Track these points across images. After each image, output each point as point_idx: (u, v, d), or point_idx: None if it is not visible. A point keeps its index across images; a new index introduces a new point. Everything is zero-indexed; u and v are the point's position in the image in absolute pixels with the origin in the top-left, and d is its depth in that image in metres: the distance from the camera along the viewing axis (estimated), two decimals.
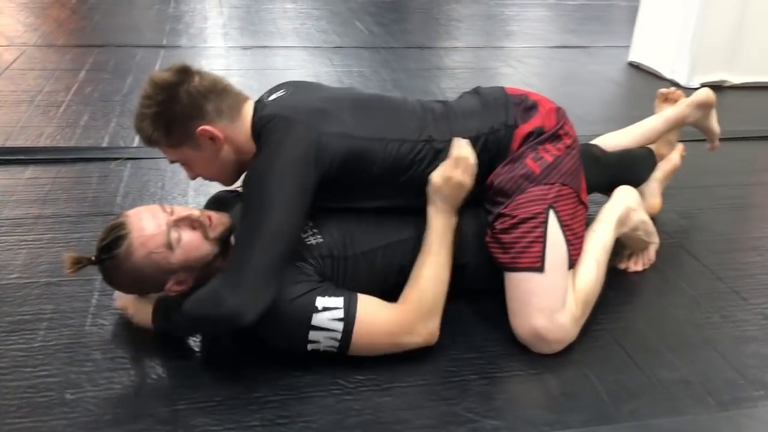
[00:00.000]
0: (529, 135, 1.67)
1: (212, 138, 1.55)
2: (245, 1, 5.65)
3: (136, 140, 2.75)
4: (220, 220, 1.54)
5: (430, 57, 4.25)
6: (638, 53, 4.18)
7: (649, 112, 2.37)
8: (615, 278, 1.85)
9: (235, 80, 3.52)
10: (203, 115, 1.53)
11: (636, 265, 1.96)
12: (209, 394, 1.44)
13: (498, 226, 1.63)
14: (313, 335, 1.45)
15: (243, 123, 1.59)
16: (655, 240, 1.98)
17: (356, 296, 1.50)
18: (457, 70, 3.99)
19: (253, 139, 1.57)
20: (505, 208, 1.63)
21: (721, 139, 2.31)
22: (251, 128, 1.58)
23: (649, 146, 2.18)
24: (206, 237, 1.50)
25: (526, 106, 1.71)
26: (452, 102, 1.77)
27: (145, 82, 1.55)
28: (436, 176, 1.61)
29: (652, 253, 1.98)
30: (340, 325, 1.45)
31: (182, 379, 1.49)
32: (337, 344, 1.47)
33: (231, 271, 1.41)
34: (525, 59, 4.28)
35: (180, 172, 2.46)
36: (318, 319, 1.44)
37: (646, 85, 3.84)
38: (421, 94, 3.48)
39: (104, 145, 2.71)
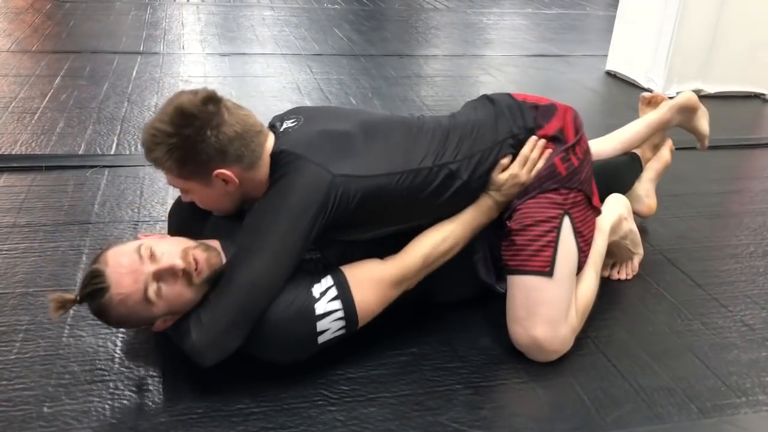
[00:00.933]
0: (552, 137, 1.68)
1: (226, 180, 1.47)
2: (222, 8, 5.63)
3: (114, 147, 2.72)
4: (208, 262, 1.43)
5: (409, 65, 4.26)
6: (615, 62, 4.23)
7: (627, 120, 2.38)
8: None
9: (214, 87, 3.51)
10: (224, 159, 1.44)
11: (620, 275, 1.97)
12: (191, 406, 1.42)
13: (512, 225, 1.63)
14: (321, 325, 1.44)
15: (263, 164, 1.50)
16: (640, 251, 2.00)
17: (340, 270, 1.51)
18: (437, 78, 4.01)
19: (269, 172, 1.51)
20: (522, 203, 1.64)
21: (696, 149, 2.33)
22: (269, 162, 1.52)
23: (633, 151, 2.19)
24: (191, 284, 1.40)
25: (544, 108, 1.73)
26: (466, 115, 1.74)
27: (170, 103, 1.43)
28: (503, 173, 1.65)
29: (636, 263, 2.00)
30: (338, 303, 1.45)
31: (163, 391, 1.46)
32: (344, 323, 1.46)
33: (206, 307, 1.41)
34: (503, 67, 4.31)
35: (159, 179, 2.45)
36: (320, 307, 1.44)
37: (624, 93, 3.89)
38: (400, 101, 3.49)
39: (80, 152, 2.67)
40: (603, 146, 2.18)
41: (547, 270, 1.58)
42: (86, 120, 3.00)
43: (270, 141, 1.53)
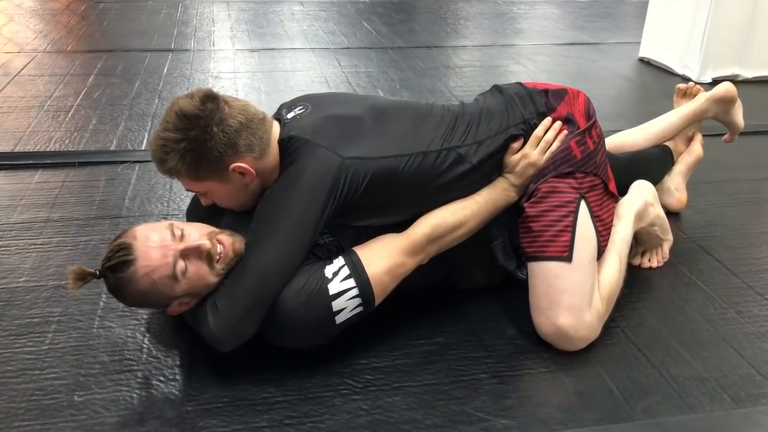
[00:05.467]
0: (564, 119, 1.67)
1: (243, 173, 1.47)
2: (252, 4, 5.67)
3: (144, 143, 2.76)
4: (233, 246, 1.45)
5: (438, 56, 4.23)
6: (649, 49, 4.15)
7: (661, 107, 2.34)
8: (628, 274, 1.82)
9: (243, 82, 3.58)
10: (236, 152, 1.45)
11: (650, 262, 1.93)
12: (216, 395, 1.43)
13: (529, 210, 1.61)
14: (336, 305, 1.44)
15: (272, 151, 1.51)
16: (669, 237, 1.95)
17: (352, 249, 1.51)
18: (466, 69, 3.98)
19: (279, 160, 1.52)
20: (538, 186, 1.62)
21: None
22: (279, 146, 1.52)
23: (665, 144, 2.14)
24: (212, 267, 1.42)
25: (554, 92, 1.71)
26: (476, 103, 1.73)
27: (170, 111, 1.44)
28: (515, 155, 1.64)
29: (666, 250, 1.95)
30: (351, 282, 1.45)
31: (189, 380, 1.48)
32: (360, 300, 1.46)
33: (220, 293, 1.42)
34: (534, 57, 4.26)
35: None
36: (333, 287, 1.44)
37: (657, 80, 3.81)
38: (429, 92, 3.47)
39: (112, 148, 2.72)
40: (634, 137, 2.14)
41: (565, 255, 1.55)
42: (118, 117, 3.05)
43: (276, 128, 1.55)
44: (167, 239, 1.40)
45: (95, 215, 2.18)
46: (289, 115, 1.58)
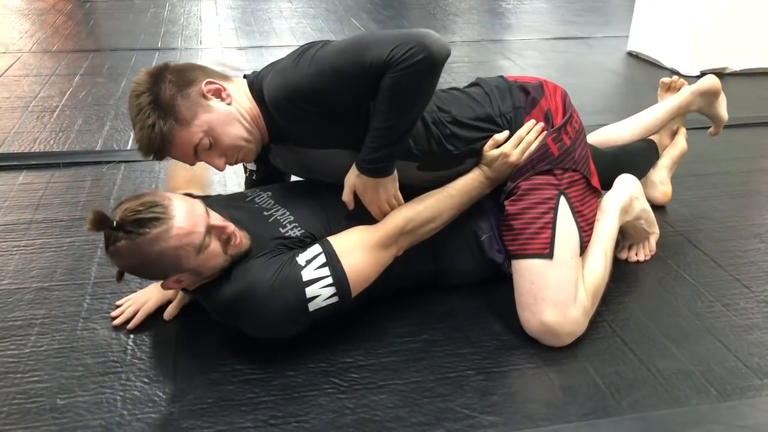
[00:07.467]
0: (544, 116, 1.67)
1: (218, 93, 1.47)
2: (240, 2, 5.65)
3: (130, 143, 2.74)
4: (242, 240, 1.47)
5: None
6: (637, 43, 4.15)
7: (649, 101, 2.33)
8: (614, 268, 1.82)
9: None
10: (197, 78, 1.47)
11: (637, 256, 1.93)
12: (201, 395, 1.42)
13: (509, 208, 1.62)
14: (309, 291, 1.42)
15: (237, 83, 1.53)
16: (656, 230, 1.95)
17: (327, 239, 1.50)
18: (455, 65, 3.96)
19: (253, 97, 1.52)
20: (516, 185, 1.62)
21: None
22: (249, 88, 1.53)
23: (650, 137, 2.14)
24: (225, 252, 1.44)
25: (533, 87, 1.71)
26: (455, 90, 1.72)
27: (129, 100, 1.46)
28: (494, 149, 1.64)
29: (652, 243, 1.95)
30: (326, 270, 1.44)
31: (173, 381, 1.46)
32: (335, 290, 1.44)
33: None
34: (523, 51, 4.25)
35: None
36: (306, 273, 1.43)
37: (646, 74, 3.81)
38: None
39: (98, 148, 2.70)
40: (619, 132, 2.15)
41: (546, 252, 1.55)
42: (104, 117, 3.02)
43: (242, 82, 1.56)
44: (201, 211, 1.41)
45: (80, 216, 2.16)
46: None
